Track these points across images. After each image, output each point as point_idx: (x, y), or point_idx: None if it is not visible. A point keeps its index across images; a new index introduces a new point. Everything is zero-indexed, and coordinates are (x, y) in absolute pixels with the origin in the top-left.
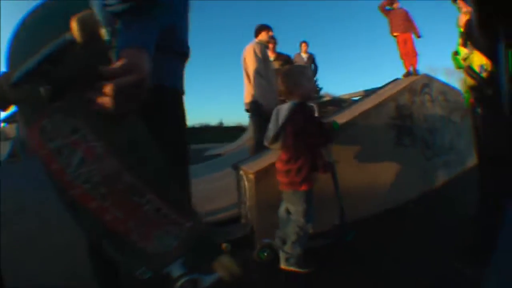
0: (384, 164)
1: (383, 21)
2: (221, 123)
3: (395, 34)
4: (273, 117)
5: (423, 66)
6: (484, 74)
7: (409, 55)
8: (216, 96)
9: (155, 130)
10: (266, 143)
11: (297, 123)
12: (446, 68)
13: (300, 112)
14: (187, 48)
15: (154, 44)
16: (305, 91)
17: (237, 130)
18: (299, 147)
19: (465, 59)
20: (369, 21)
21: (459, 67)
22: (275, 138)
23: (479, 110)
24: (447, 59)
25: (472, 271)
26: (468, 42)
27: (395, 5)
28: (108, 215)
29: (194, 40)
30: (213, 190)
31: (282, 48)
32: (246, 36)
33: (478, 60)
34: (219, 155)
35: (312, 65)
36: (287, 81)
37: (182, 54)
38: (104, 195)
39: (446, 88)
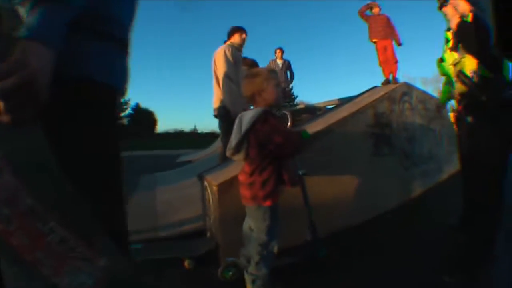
0: (360, 174)
1: (363, 27)
2: (195, 129)
3: (374, 40)
4: (236, 125)
5: (400, 76)
6: (476, 80)
7: (389, 62)
8: (190, 102)
9: (78, 137)
10: (228, 154)
11: (261, 132)
12: (422, 77)
13: (265, 120)
14: (128, 36)
15: (61, 34)
16: (271, 97)
17: (211, 137)
18: (264, 158)
19: (455, 64)
20: (349, 27)
21: (444, 74)
22: (237, 148)
23: (469, 118)
24: (423, 69)
25: (456, 281)
26: (460, 46)
27: (375, 10)
28: (15, 240)
29: (169, 44)
30: (180, 199)
31: (257, 54)
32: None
33: (470, 65)
34: (190, 161)
35: (288, 72)
36: (251, 86)
37: (122, 43)
38: (8, 217)
39: (426, 97)
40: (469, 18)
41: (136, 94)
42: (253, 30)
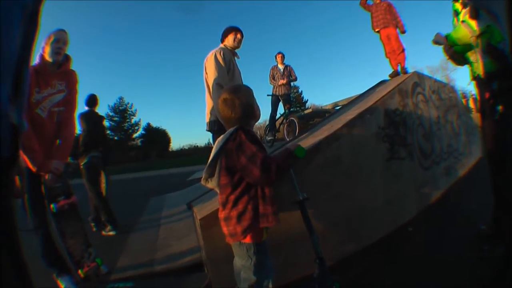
0: (374, 184)
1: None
2: (209, 144)
3: (376, 30)
4: (214, 146)
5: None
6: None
7: (395, 52)
8: (201, 114)
9: None
10: (202, 181)
11: (230, 151)
12: (429, 66)
13: (235, 138)
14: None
15: None
16: (240, 114)
17: None
18: (236, 185)
19: (479, 35)
20: (360, 22)
21: (458, 52)
22: (210, 173)
23: (500, 107)
24: (429, 57)
25: None
26: (482, 11)
27: None
28: None
29: (182, 60)
30: (183, 225)
31: (265, 60)
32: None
33: (500, 34)
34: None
35: (290, 77)
36: (221, 110)
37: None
38: None
39: (439, 85)
40: None
41: (146, 114)
42: (261, 33)
